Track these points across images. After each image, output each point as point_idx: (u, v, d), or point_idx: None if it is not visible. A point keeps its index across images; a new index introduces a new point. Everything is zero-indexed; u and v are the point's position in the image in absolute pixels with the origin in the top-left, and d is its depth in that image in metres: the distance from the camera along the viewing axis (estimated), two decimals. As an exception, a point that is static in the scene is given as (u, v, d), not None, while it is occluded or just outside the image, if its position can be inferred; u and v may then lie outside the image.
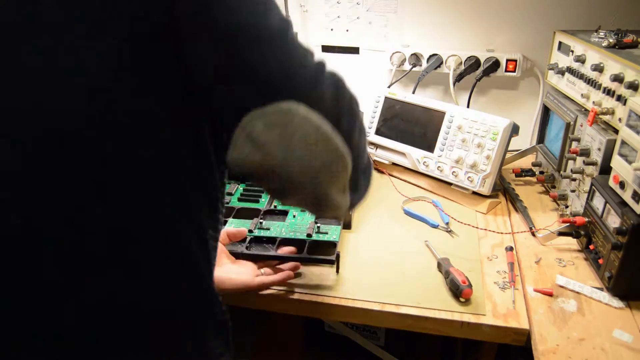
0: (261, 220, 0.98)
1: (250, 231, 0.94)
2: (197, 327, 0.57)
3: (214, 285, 0.60)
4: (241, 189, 1.11)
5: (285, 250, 0.89)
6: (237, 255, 0.88)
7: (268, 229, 0.95)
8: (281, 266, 0.88)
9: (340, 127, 0.48)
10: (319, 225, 0.96)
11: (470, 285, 0.82)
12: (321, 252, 0.91)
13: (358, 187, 0.55)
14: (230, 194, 1.09)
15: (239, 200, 1.07)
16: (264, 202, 1.08)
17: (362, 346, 1.23)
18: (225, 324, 0.62)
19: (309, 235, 0.92)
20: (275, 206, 1.06)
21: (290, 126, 0.44)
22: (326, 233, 0.94)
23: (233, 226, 0.96)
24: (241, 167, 0.47)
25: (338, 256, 0.87)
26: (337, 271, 0.89)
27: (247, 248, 0.90)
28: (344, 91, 0.50)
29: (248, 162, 0.46)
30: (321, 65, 0.49)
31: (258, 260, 0.88)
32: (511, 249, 0.95)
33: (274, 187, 0.50)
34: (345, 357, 1.38)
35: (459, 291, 0.82)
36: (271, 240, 0.92)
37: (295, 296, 0.85)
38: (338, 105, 0.49)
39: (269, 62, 0.45)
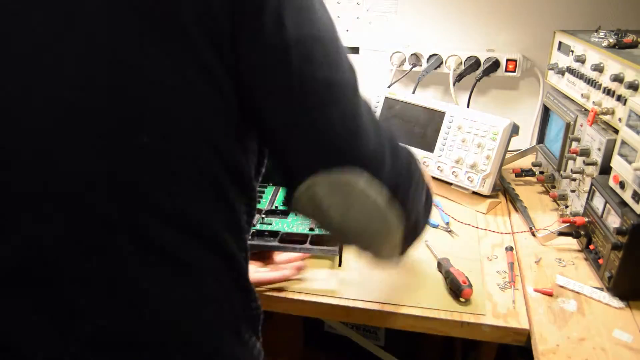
0: (263, 216, 0.98)
1: (252, 225, 0.94)
2: (237, 319, 0.57)
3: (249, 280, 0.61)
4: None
5: (284, 257, 0.89)
6: None
7: (270, 224, 0.95)
8: (284, 265, 0.88)
9: (397, 194, 0.51)
10: None
11: (470, 286, 0.82)
12: (323, 246, 0.91)
13: (410, 239, 0.60)
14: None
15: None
16: (265, 203, 1.08)
17: (362, 346, 1.23)
18: (259, 317, 0.63)
19: (311, 229, 0.93)
20: (276, 207, 1.06)
21: (350, 196, 0.48)
22: None
23: None
24: (302, 216, 0.54)
25: (341, 248, 0.87)
26: (340, 264, 0.88)
27: (249, 240, 0.90)
28: (407, 167, 0.54)
29: (309, 217, 0.54)
30: (383, 131, 0.52)
31: (259, 254, 0.88)
32: (511, 249, 0.95)
33: (329, 232, 0.56)
34: (345, 357, 1.38)
35: (459, 291, 0.82)
36: (273, 234, 0.92)
37: (295, 296, 0.85)
38: (398, 182, 0.52)
39: (338, 126, 0.48)
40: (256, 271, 0.84)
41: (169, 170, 0.48)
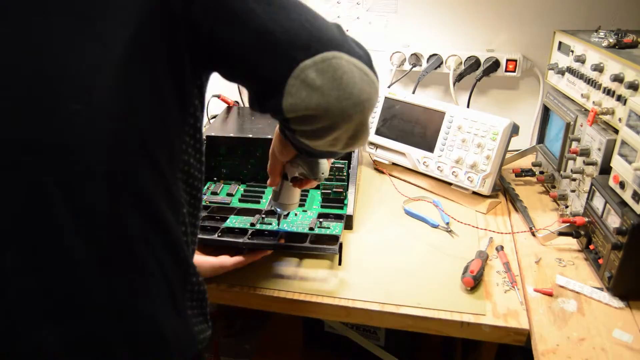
0: (263, 216, 0.98)
1: (252, 224, 0.94)
2: (175, 292, 0.59)
3: (191, 259, 0.63)
4: (242, 189, 1.11)
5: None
6: (239, 245, 0.88)
7: (270, 224, 0.95)
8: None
9: (373, 68, 0.58)
10: (321, 220, 0.96)
11: (474, 278, 0.84)
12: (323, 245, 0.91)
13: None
14: (231, 195, 1.09)
15: (240, 201, 1.07)
16: (264, 203, 1.08)
17: (362, 346, 1.23)
18: (202, 295, 0.65)
19: (311, 229, 0.93)
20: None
21: (339, 69, 0.53)
22: (328, 228, 0.94)
23: (236, 222, 0.97)
24: (299, 111, 0.55)
25: (341, 246, 0.87)
26: (340, 262, 0.88)
27: (249, 239, 0.90)
28: (358, 42, 0.59)
29: (306, 105, 0.54)
30: (337, 24, 0.59)
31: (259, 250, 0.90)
32: (502, 248, 0.95)
33: (322, 125, 0.57)
34: (345, 357, 1.38)
35: (462, 276, 0.85)
36: (273, 234, 0.92)
37: (295, 296, 0.85)
38: (364, 51, 0.58)
39: (301, 21, 0.55)
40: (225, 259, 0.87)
41: (99, 137, 0.51)
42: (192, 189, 0.62)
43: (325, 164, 0.78)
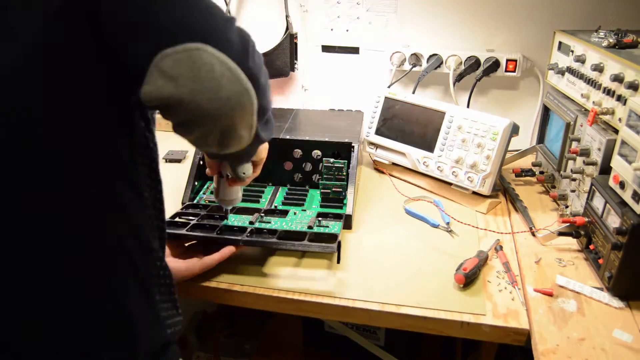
0: (262, 215, 0.98)
1: (251, 223, 0.94)
2: (138, 276, 0.60)
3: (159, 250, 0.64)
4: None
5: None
6: (238, 243, 0.88)
7: (269, 222, 0.95)
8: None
9: (246, 67, 0.54)
10: (320, 219, 0.96)
11: (466, 276, 0.84)
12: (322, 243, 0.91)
13: (267, 128, 0.62)
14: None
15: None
16: (264, 202, 1.08)
17: (362, 346, 1.23)
18: (169, 280, 0.66)
19: (309, 227, 0.93)
20: (275, 206, 1.06)
21: (198, 61, 0.50)
22: (327, 227, 0.94)
23: (235, 220, 0.97)
24: (153, 100, 0.52)
25: (339, 245, 0.87)
26: (339, 261, 0.88)
27: (247, 237, 0.90)
28: (248, 41, 0.57)
29: (159, 94, 0.52)
30: (229, 17, 0.56)
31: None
32: (501, 248, 0.95)
33: (183, 119, 0.55)
34: (345, 357, 1.38)
35: (455, 272, 0.86)
36: (272, 232, 0.92)
37: (295, 296, 0.85)
38: (244, 49, 0.55)
39: (174, 10, 0.51)
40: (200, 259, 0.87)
41: (48, 113, 0.51)
42: (151, 172, 0.63)
43: (246, 165, 0.79)
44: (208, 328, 1.63)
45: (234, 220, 0.97)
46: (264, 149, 0.81)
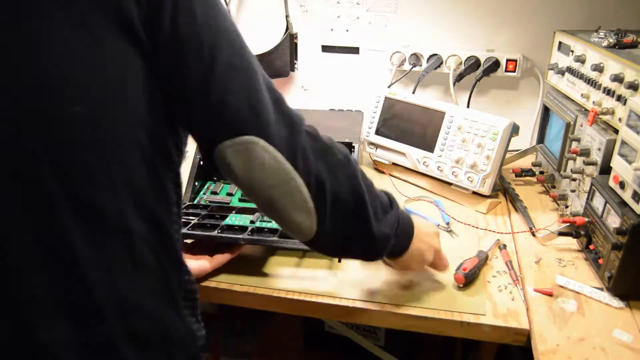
0: (263, 214, 0.98)
1: (252, 222, 0.95)
2: (171, 290, 0.61)
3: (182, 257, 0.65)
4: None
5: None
6: (239, 242, 0.88)
7: (270, 222, 0.95)
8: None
9: (296, 159, 0.61)
10: None
11: (466, 275, 0.84)
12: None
13: (325, 217, 0.65)
14: (231, 194, 1.09)
15: (240, 200, 1.07)
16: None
17: (362, 346, 1.23)
18: (195, 295, 0.67)
19: None
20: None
21: (252, 154, 0.59)
22: None
23: (236, 220, 0.97)
24: (221, 172, 0.62)
25: None
26: (339, 259, 0.88)
27: (248, 235, 0.90)
28: (298, 136, 0.63)
29: (225, 174, 0.62)
30: (281, 108, 0.63)
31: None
32: (504, 247, 0.95)
33: (242, 190, 0.64)
34: (345, 357, 1.38)
35: (454, 273, 0.85)
36: (273, 231, 0.92)
37: (295, 296, 0.85)
38: (293, 144, 0.61)
39: (241, 101, 0.58)
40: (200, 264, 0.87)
41: (99, 138, 0.53)
42: (177, 187, 0.64)
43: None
44: (208, 328, 1.63)
45: (235, 220, 0.97)
46: (413, 261, 0.81)
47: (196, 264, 0.85)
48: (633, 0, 1.20)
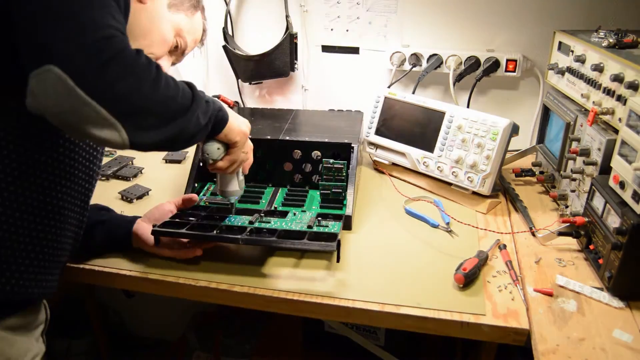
0: (262, 215, 0.98)
1: (251, 222, 0.94)
2: None
3: None
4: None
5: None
6: (237, 242, 0.88)
7: (269, 222, 0.95)
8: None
9: (88, 85, 0.61)
10: (319, 219, 0.96)
11: (466, 275, 0.84)
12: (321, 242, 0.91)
13: (135, 130, 0.66)
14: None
15: (239, 201, 1.07)
16: (264, 204, 1.08)
17: (362, 346, 1.24)
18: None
19: (309, 227, 0.93)
20: (275, 207, 1.06)
21: (48, 82, 0.59)
22: (326, 226, 0.94)
23: (235, 220, 0.96)
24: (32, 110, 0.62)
25: (339, 243, 0.86)
26: (338, 259, 0.88)
27: (247, 236, 0.90)
28: (98, 57, 0.61)
29: (29, 107, 0.62)
30: (100, 40, 0.61)
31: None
32: (504, 247, 0.95)
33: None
34: (345, 357, 1.38)
35: (454, 273, 0.86)
36: (271, 232, 0.92)
37: (295, 296, 0.85)
38: (89, 67, 0.61)
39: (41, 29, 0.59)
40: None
41: None
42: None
43: (209, 146, 0.81)
44: (208, 328, 1.63)
45: (233, 220, 0.97)
46: (233, 132, 0.81)
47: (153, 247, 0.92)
48: (633, 0, 1.20)
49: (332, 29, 1.42)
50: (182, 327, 1.67)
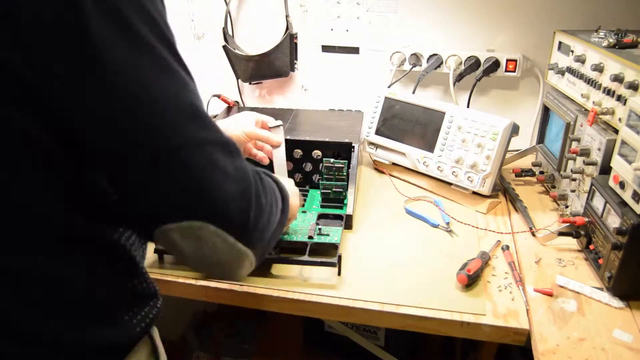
0: None
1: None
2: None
3: None
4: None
5: None
6: None
7: None
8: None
9: (245, 233, 0.58)
10: (320, 227, 0.96)
11: (469, 277, 0.84)
12: (322, 253, 0.91)
13: (265, 253, 0.66)
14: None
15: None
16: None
17: (362, 346, 1.24)
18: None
19: (310, 238, 0.92)
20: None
21: (200, 238, 0.54)
22: (327, 235, 0.94)
23: None
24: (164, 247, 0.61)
25: (340, 259, 0.87)
26: (339, 273, 0.89)
27: None
28: (251, 205, 0.58)
29: (170, 251, 0.60)
30: (239, 188, 0.56)
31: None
32: (507, 248, 0.95)
33: (186, 264, 0.64)
34: (345, 357, 1.38)
35: (457, 273, 0.86)
36: None
37: (295, 296, 0.85)
38: (245, 219, 0.57)
39: (193, 193, 0.53)
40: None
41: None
42: None
43: None
44: (208, 328, 1.63)
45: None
46: (293, 215, 0.82)
47: None
48: (633, 0, 1.20)
49: (332, 29, 1.42)
50: (182, 327, 1.67)
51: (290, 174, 1.14)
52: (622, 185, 0.78)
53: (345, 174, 1.08)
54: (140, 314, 0.66)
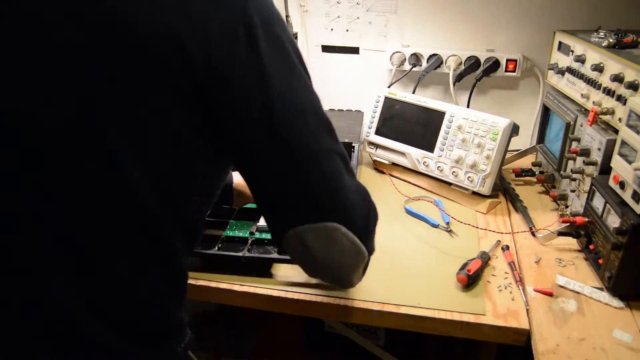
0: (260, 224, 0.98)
1: (252, 233, 0.94)
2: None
3: None
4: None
5: None
6: (238, 259, 0.88)
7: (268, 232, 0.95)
8: None
9: (367, 232, 0.66)
10: None
11: (469, 277, 0.84)
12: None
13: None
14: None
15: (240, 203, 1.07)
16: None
17: (362, 346, 1.23)
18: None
19: None
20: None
21: (332, 239, 0.61)
22: None
23: (235, 228, 0.96)
24: (290, 254, 0.66)
25: None
26: None
27: (249, 250, 0.90)
28: (370, 213, 0.67)
29: (297, 255, 0.65)
30: (361, 196, 0.65)
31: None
32: (507, 248, 0.95)
33: (309, 268, 0.69)
34: (345, 357, 1.38)
35: (457, 273, 0.86)
36: (272, 243, 0.92)
37: (295, 296, 0.85)
38: (367, 224, 0.66)
39: (322, 187, 0.59)
40: None
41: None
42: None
43: None
44: (208, 328, 1.63)
45: (234, 228, 0.97)
46: None
47: None
48: (633, 0, 1.20)
49: (332, 29, 1.42)
50: (182, 327, 1.67)
51: None
52: (622, 185, 0.78)
53: (345, 174, 1.07)
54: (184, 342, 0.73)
